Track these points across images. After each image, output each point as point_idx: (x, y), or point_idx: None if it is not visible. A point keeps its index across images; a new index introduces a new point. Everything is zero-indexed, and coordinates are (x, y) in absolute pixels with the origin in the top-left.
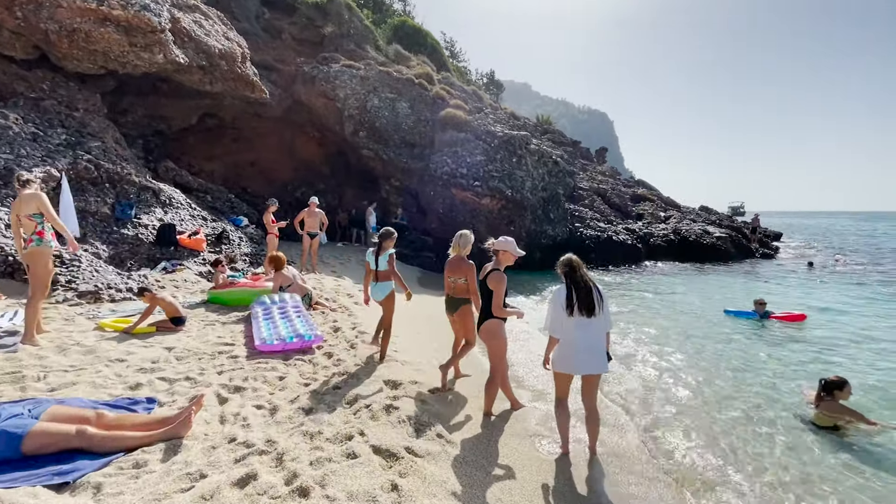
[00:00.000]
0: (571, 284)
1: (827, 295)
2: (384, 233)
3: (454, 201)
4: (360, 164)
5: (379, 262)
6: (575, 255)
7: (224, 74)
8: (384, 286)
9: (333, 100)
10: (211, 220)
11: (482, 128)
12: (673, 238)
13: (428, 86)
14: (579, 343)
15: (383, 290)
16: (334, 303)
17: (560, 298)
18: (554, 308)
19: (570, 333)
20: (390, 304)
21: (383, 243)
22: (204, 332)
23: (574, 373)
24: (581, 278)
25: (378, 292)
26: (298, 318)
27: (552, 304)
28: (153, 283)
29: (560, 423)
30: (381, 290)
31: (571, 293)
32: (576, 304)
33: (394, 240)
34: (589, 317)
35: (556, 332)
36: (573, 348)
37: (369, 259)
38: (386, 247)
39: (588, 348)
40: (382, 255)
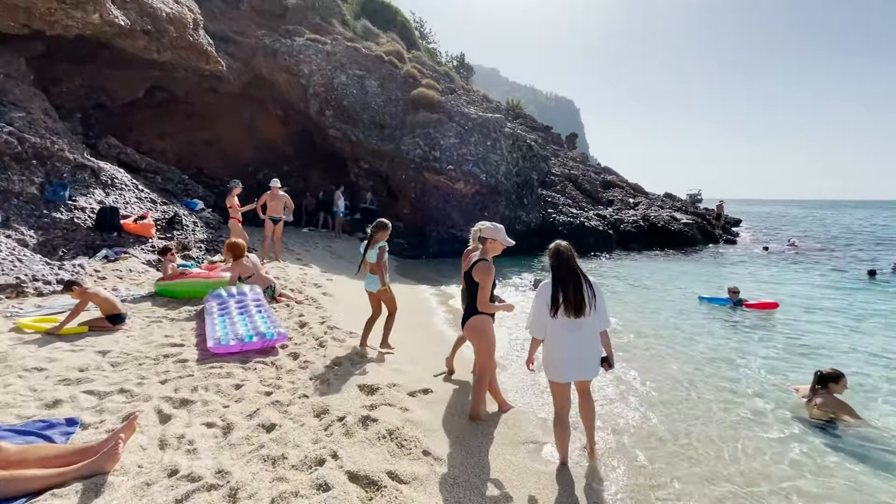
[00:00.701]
0: (557, 280)
1: (788, 278)
2: (377, 224)
3: (427, 186)
4: (327, 146)
5: (369, 254)
6: (565, 243)
7: (173, 42)
8: (376, 279)
9: (297, 76)
10: (161, 204)
11: (455, 109)
12: (642, 224)
13: (398, 64)
14: (566, 347)
15: (375, 282)
16: (300, 294)
17: (544, 295)
18: (537, 306)
19: (556, 335)
20: (387, 298)
21: (375, 235)
22: (148, 331)
23: (562, 380)
24: (570, 272)
25: (372, 284)
26: (259, 314)
27: (536, 300)
28: (91, 273)
29: (559, 439)
30: (374, 281)
31: (557, 290)
32: (561, 304)
33: (387, 232)
34: (577, 317)
35: (539, 332)
36: (560, 352)
37: (362, 249)
38: (378, 239)
39: (577, 352)
40: (373, 248)
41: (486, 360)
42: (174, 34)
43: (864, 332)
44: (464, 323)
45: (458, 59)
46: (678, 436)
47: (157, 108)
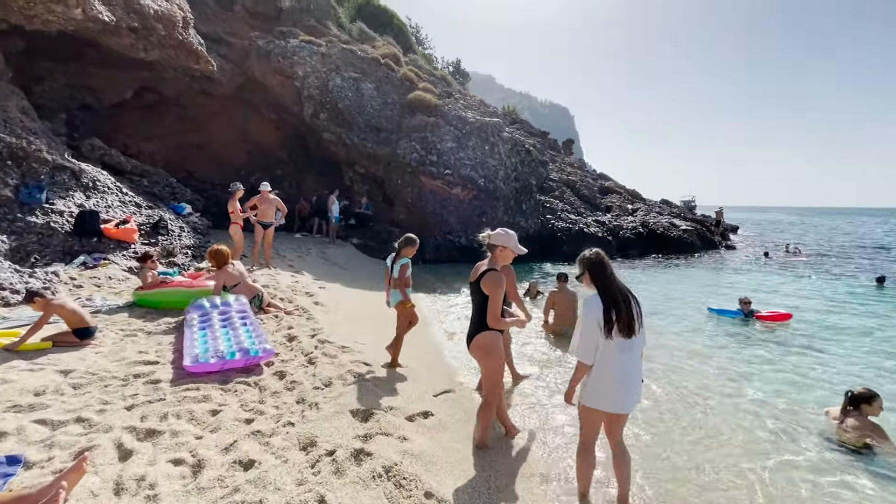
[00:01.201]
0: (607, 294)
1: (795, 286)
2: (405, 239)
3: (423, 190)
4: (321, 149)
5: (394, 268)
6: (599, 251)
7: (162, 40)
8: (398, 294)
9: (291, 78)
10: (146, 208)
11: (453, 113)
12: (642, 231)
13: (395, 67)
14: (620, 371)
15: (397, 297)
16: (290, 304)
17: (595, 313)
18: (588, 326)
19: (610, 359)
20: (404, 313)
21: (402, 250)
22: (120, 347)
23: (616, 410)
24: (619, 286)
25: (393, 297)
26: (244, 327)
27: (585, 320)
28: (67, 281)
29: (583, 470)
30: (396, 296)
31: (610, 307)
32: (615, 322)
33: (414, 248)
34: (629, 337)
35: (590, 356)
36: (613, 378)
37: (388, 264)
38: (404, 254)
39: (630, 377)
40: (398, 263)
41: (494, 382)
42: (162, 32)
43: (887, 344)
44: (470, 339)
45: (454, 65)
46: (702, 466)
47: (146, 109)
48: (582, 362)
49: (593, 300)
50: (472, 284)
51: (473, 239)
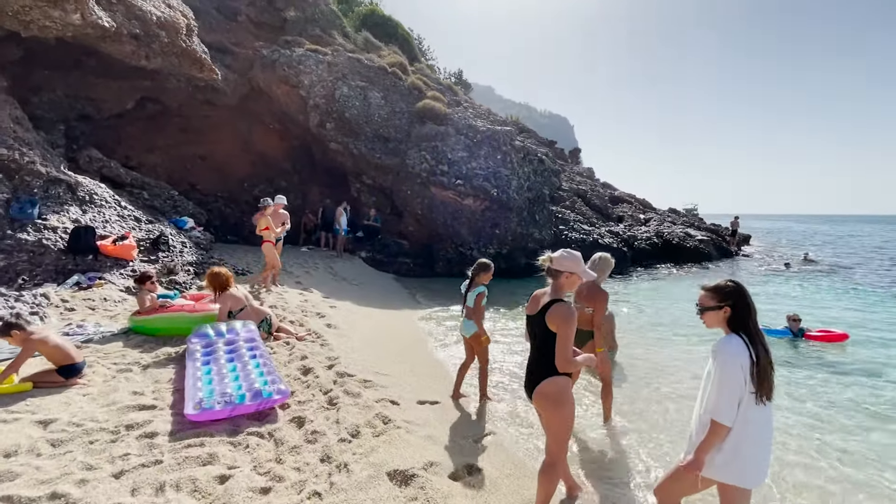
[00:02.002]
0: (756, 344)
1: (832, 300)
2: (480, 265)
3: (434, 201)
4: (327, 160)
5: (468, 297)
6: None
7: (164, 48)
8: (470, 325)
9: (297, 87)
10: (146, 222)
11: (463, 122)
12: (656, 241)
13: (402, 75)
14: (767, 433)
15: (471, 327)
16: (301, 327)
17: (741, 360)
18: (733, 376)
19: (754, 418)
20: (478, 343)
21: (476, 277)
22: (112, 386)
23: (758, 484)
24: (759, 329)
25: (466, 327)
26: (254, 360)
27: (727, 368)
28: (58, 303)
29: None
30: (470, 327)
31: (759, 360)
32: (764, 377)
33: (489, 274)
34: (770, 398)
35: (731, 417)
36: (761, 442)
37: (462, 292)
38: (479, 281)
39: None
40: (473, 291)
41: (563, 438)
42: (165, 39)
43: None
44: (530, 385)
45: (457, 75)
46: None
47: (147, 120)
48: (721, 423)
49: (735, 343)
50: (531, 318)
51: (485, 251)
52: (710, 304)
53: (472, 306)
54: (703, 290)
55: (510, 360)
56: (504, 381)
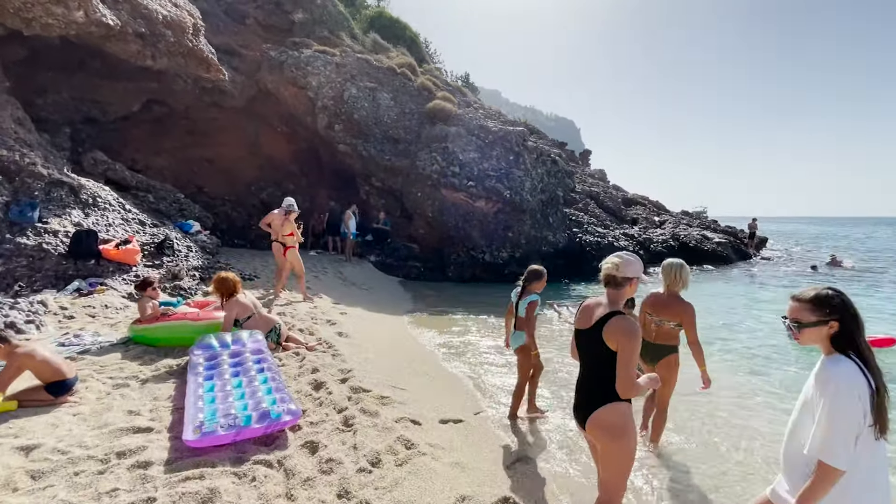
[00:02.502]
0: (872, 368)
1: (871, 304)
2: (533, 272)
3: (444, 204)
4: (335, 162)
5: (519, 306)
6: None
7: (170, 47)
8: (522, 335)
9: (304, 88)
10: (151, 226)
11: (474, 122)
12: (673, 244)
13: (411, 76)
14: (884, 480)
15: (521, 338)
16: (311, 335)
17: (860, 392)
18: (850, 412)
19: (871, 459)
20: (526, 359)
21: (528, 285)
22: (105, 405)
23: None
24: (871, 348)
25: (514, 339)
26: (261, 374)
27: (841, 401)
28: (56, 311)
29: None
30: (518, 338)
31: (878, 387)
32: (882, 408)
33: (542, 282)
34: (885, 431)
35: (846, 459)
36: (878, 491)
37: (513, 299)
38: (532, 289)
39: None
40: (525, 299)
41: (622, 475)
42: (171, 39)
43: None
44: (584, 413)
45: (464, 78)
46: None
47: (154, 123)
48: (834, 467)
49: (849, 368)
50: (583, 333)
51: (498, 255)
52: (810, 318)
53: (524, 316)
54: (796, 301)
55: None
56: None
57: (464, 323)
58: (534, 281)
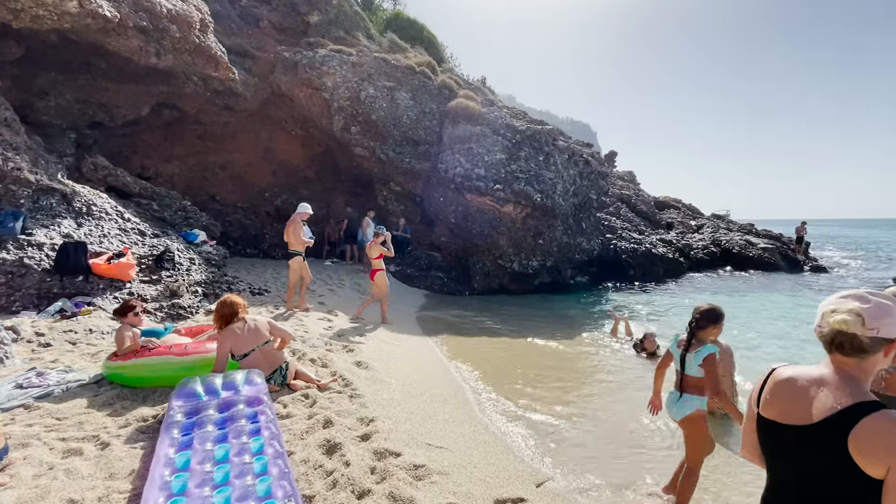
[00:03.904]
0: None
1: None
2: (706, 314)
3: (469, 209)
4: (352, 167)
5: (688, 360)
6: None
7: (175, 43)
8: (691, 401)
9: (320, 89)
10: (151, 236)
11: (500, 121)
12: (714, 250)
13: (431, 75)
14: None
15: (688, 405)
16: (325, 368)
17: None
18: None
19: None
20: (699, 432)
21: (701, 332)
22: (43, 488)
23: None
24: None
25: (679, 407)
26: (256, 441)
27: None
28: (32, 337)
29: None
30: (684, 405)
31: None
32: None
33: (720, 327)
34: None
35: None
36: None
37: (674, 350)
38: (705, 337)
39: None
40: (697, 351)
41: None
42: (177, 35)
43: None
44: None
45: (481, 81)
46: None
47: (164, 128)
48: None
49: None
50: (787, 432)
51: (528, 264)
52: None
53: (698, 375)
54: None
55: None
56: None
57: (503, 345)
58: (709, 326)
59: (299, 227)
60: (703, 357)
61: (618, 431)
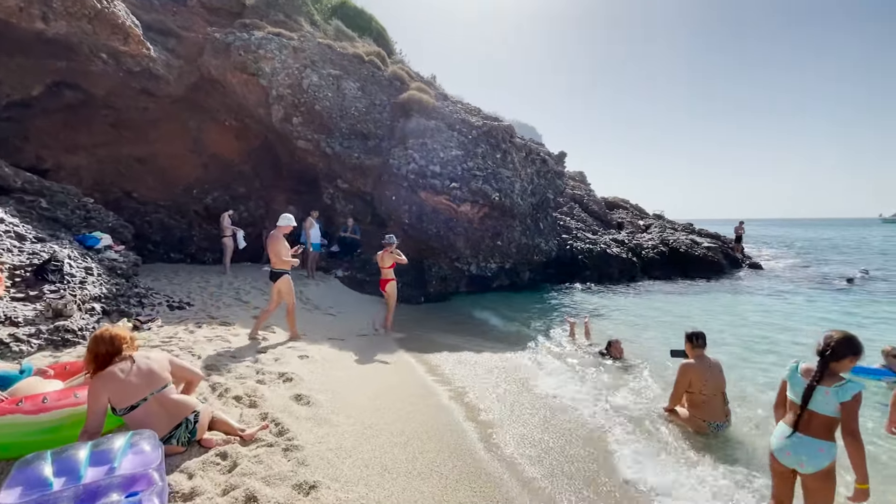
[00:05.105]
0: None
1: None
2: (844, 343)
3: (424, 208)
4: (294, 161)
5: (821, 395)
6: None
7: (68, 6)
8: (829, 449)
9: (256, 75)
10: (33, 241)
11: (455, 116)
12: (663, 249)
13: (381, 65)
14: None
15: (826, 454)
16: (253, 408)
17: None
18: None
19: None
20: (832, 486)
21: (836, 362)
22: None
23: None
24: None
25: (814, 456)
26: None
27: None
28: None
29: None
30: (819, 453)
31: None
32: None
33: (858, 355)
34: None
35: None
36: None
37: (794, 382)
38: (841, 369)
39: None
40: (840, 386)
41: None
42: None
43: None
44: None
45: (432, 78)
46: None
47: (66, 112)
48: None
49: None
50: None
51: (486, 266)
52: None
53: (833, 415)
54: None
55: None
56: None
57: (478, 355)
58: (847, 356)
59: (283, 242)
60: (853, 395)
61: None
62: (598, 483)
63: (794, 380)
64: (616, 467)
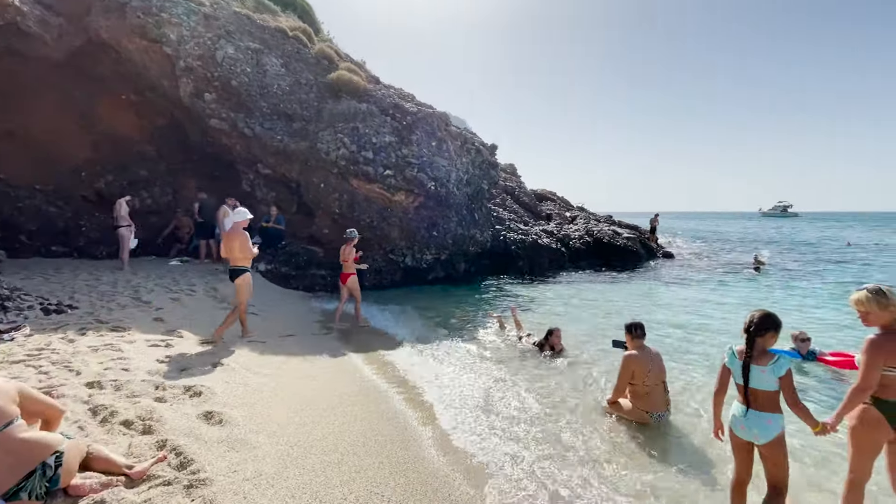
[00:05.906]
0: None
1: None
2: (765, 319)
3: (356, 197)
4: (207, 143)
5: (758, 373)
6: None
7: None
8: (776, 420)
9: (159, 42)
10: None
11: (388, 100)
12: (588, 239)
13: (307, 42)
14: None
15: (774, 425)
16: (147, 435)
17: None
18: None
19: None
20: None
21: (759, 337)
22: None
23: None
24: None
25: (763, 428)
26: None
27: None
28: None
29: None
30: (767, 425)
31: None
32: None
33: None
34: None
35: None
36: None
37: (731, 363)
38: (765, 343)
39: None
40: (775, 362)
41: None
42: None
43: None
44: None
45: (360, 63)
46: None
47: None
48: None
49: None
50: None
51: (422, 258)
52: None
53: (772, 389)
54: None
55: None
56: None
57: (430, 350)
58: (769, 331)
59: (244, 235)
60: (786, 369)
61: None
62: None
63: (734, 363)
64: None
